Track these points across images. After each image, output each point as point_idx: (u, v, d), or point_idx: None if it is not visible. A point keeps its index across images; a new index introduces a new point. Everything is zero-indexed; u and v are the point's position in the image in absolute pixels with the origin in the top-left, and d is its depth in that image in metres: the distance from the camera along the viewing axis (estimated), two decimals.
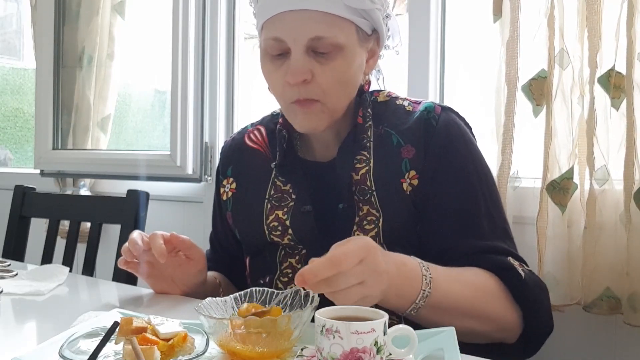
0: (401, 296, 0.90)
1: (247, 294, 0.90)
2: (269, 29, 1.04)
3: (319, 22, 1.00)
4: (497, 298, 1.00)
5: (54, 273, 1.28)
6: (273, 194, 1.15)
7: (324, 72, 1.02)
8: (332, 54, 1.02)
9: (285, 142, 1.14)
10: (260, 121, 1.28)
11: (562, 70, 1.36)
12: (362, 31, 1.06)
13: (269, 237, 1.13)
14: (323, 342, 0.71)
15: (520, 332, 1.02)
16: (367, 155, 1.09)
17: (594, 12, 1.31)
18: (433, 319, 0.93)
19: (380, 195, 1.07)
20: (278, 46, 1.03)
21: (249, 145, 1.23)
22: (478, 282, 1.00)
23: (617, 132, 1.31)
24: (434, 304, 0.92)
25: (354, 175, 1.08)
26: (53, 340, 0.79)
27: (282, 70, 1.04)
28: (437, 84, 1.72)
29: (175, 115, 2.14)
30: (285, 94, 1.06)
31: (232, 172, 1.24)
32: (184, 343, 0.77)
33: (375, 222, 1.06)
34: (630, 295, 1.26)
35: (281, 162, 1.14)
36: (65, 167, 2.47)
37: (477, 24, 1.65)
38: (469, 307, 0.97)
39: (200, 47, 2.13)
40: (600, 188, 1.31)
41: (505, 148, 1.42)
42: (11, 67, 3.75)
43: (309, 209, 1.10)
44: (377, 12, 1.06)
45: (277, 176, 1.16)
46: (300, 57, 1.01)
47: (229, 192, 1.23)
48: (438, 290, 0.92)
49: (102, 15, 2.40)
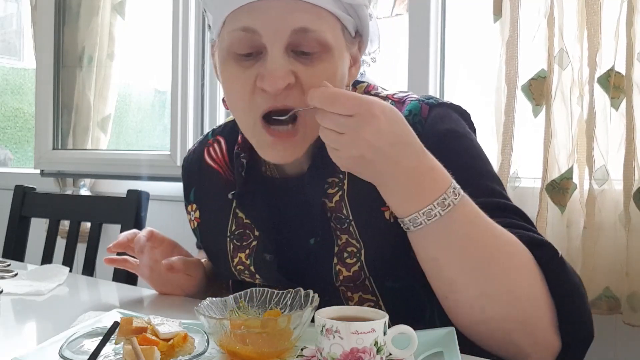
0: (414, 185, 0.74)
1: (247, 294, 0.90)
2: (235, 19, 0.82)
3: (305, 12, 0.80)
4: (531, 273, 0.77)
5: (54, 273, 1.28)
6: (234, 229, 0.99)
7: (311, 76, 0.81)
8: (318, 54, 0.82)
9: (243, 170, 0.96)
10: (221, 130, 1.08)
11: (562, 70, 1.36)
12: (347, 32, 0.88)
13: (240, 277, 1.01)
14: (323, 342, 0.71)
15: (554, 344, 0.79)
16: (341, 177, 0.91)
17: (594, 12, 1.31)
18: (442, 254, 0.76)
19: (358, 224, 0.89)
20: (248, 40, 0.81)
21: (208, 163, 1.05)
22: (513, 242, 0.78)
23: (616, 132, 1.31)
24: (450, 226, 0.74)
25: (328, 202, 0.90)
26: (53, 340, 0.79)
27: (251, 75, 0.82)
28: (437, 84, 1.72)
29: (175, 115, 2.15)
30: (252, 105, 0.83)
31: (195, 197, 1.07)
32: (184, 343, 0.77)
33: (357, 254, 0.89)
34: (629, 295, 1.26)
35: (240, 192, 0.96)
36: (65, 167, 2.47)
37: (477, 24, 1.65)
38: (493, 259, 0.76)
39: (200, 47, 2.13)
40: (600, 188, 1.31)
41: (505, 148, 1.42)
42: (11, 67, 3.76)
43: (271, 259, 0.94)
44: (364, 9, 0.88)
45: (237, 206, 0.98)
46: (279, 57, 0.80)
47: (194, 221, 1.08)
48: (463, 212, 0.75)
49: (102, 15, 2.40)
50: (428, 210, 0.75)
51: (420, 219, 0.75)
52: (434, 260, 0.79)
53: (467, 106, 0.95)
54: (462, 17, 1.74)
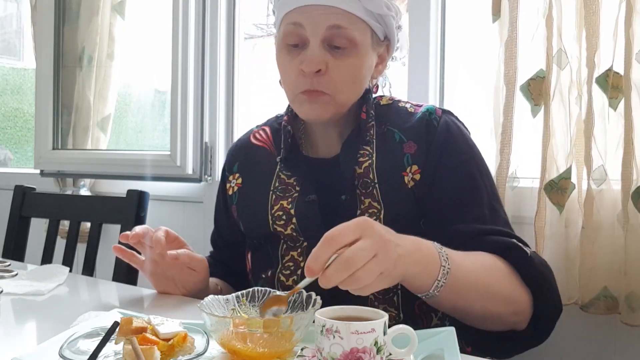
0: (422, 273, 0.88)
1: (249, 293, 0.90)
2: (289, 17, 1.09)
3: (340, 15, 1.06)
4: (509, 277, 0.99)
5: (54, 273, 1.29)
6: (278, 185, 1.17)
7: (338, 67, 1.07)
8: (347, 50, 1.07)
9: (289, 136, 1.17)
10: (264, 123, 1.31)
11: (560, 70, 1.36)
12: (376, 35, 1.11)
13: (272, 227, 1.14)
14: (323, 342, 0.71)
15: (530, 316, 1.01)
16: (370, 150, 1.12)
17: (592, 13, 1.31)
18: (453, 300, 0.93)
19: (382, 188, 1.09)
20: (296, 33, 1.07)
21: (254, 143, 1.27)
22: (489, 262, 0.99)
23: (614, 132, 1.31)
24: (453, 283, 0.90)
25: (357, 169, 1.11)
26: (53, 340, 0.79)
27: (298, 60, 1.08)
28: (437, 83, 1.72)
29: (175, 115, 2.15)
30: (296, 84, 1.09)
31: (239, 168, 1.27)
32: (184, 343, 0.77)
33: (377, 214, 1.08)
34: (627, 295, 1.27)
35: (286, 156, 1.17)
36: (65, 167, 2.47)
37: (476, 24, 1.65)
38: (485, 286, 0.96)
39: (200, 47, 2.13)
40: (598, 188, 1.31)
41: (504, 148, 1.42)
42: (11, 67, 3.76)
43: (314, 198, 1.12)
44: (391, 20, 1.12)
45: (281, 170, 1.18)
46: (317, 47, 1.06)
47: (235, 186, 1.25)
48: (456, 268, 0.91)
49: (102, 15, 2.40)
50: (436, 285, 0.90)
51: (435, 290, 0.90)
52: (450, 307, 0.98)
53: (466, 106, 0.99)
54: (461, 17, 1.74)
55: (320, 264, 0.76)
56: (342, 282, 0.77)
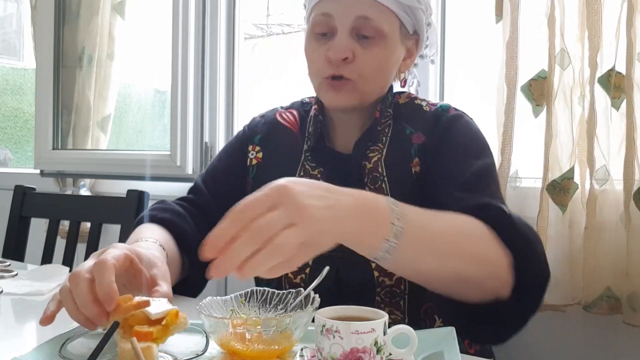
0: (365, 232, 0.76)
1: (247, 293, 0.90)
2: (319, 7, 1.09)
3: (368, 6, 1.05)
4: (484, 236, 0.89)
5: (54, 273, 1.28)
6: (303, 175, 1.16)
7: (364, 55, 1.06)
8: (375, 40, 1.06)
9: (320, 126, 1.16)
10: (291, 105, 1.28)
11: (563, 71, 1.36)
12: (405, 28, 1.10)
13: None
14: (323, 342, 0.71)
15: (513, 281, 0.89)
16: (381, 146, 1.12)
17: (594, 13, 1.31)
18: (415, 261, 0.83)
19: (391, 181, 1.09)
20: (325, 23, 1.07)
21: (281, 122, 1.24)
22: (461, 220, 0.90)
23: (617, 132, 1.31)
24: (410, 241, 0.79)
25: (367, 164, 1.11)
26: (53, 340, 0.79)
27: (325, 47, 1.07)
28: (437, 83, 1.72)
29: (175, 115, 2.14)
30: (322, 70, 1.08)
31: (260, 141, 1.23)
32: (177, 320, 0.76)
33: None
34: (630, 295, 1.26)
35: (315, 146, 1.16)
36: (65, 167, 2.47)
37: (476, 24, 1.65)
38: (452, 244, 0.86)
39: (200, 47, 2.13)
40: (601, 188, 1.31)
41: (505, 148, 1.42)
42: (11, 67, 3.76)
43: None
44: (420, 13, 1.11)
45: (307, 160, 1.16)
46: (344, 36, 1.06)
47: (254, 159, 1.22)
48: (412, 226, 0.80)
49: (102, 15, 2.40)
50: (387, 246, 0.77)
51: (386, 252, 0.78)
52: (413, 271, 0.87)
53: (467, 106, 0.99)
54: (461, 17, 1.74)
55: (221, 239, 0.65)
56: (253, 260, 0.65)
